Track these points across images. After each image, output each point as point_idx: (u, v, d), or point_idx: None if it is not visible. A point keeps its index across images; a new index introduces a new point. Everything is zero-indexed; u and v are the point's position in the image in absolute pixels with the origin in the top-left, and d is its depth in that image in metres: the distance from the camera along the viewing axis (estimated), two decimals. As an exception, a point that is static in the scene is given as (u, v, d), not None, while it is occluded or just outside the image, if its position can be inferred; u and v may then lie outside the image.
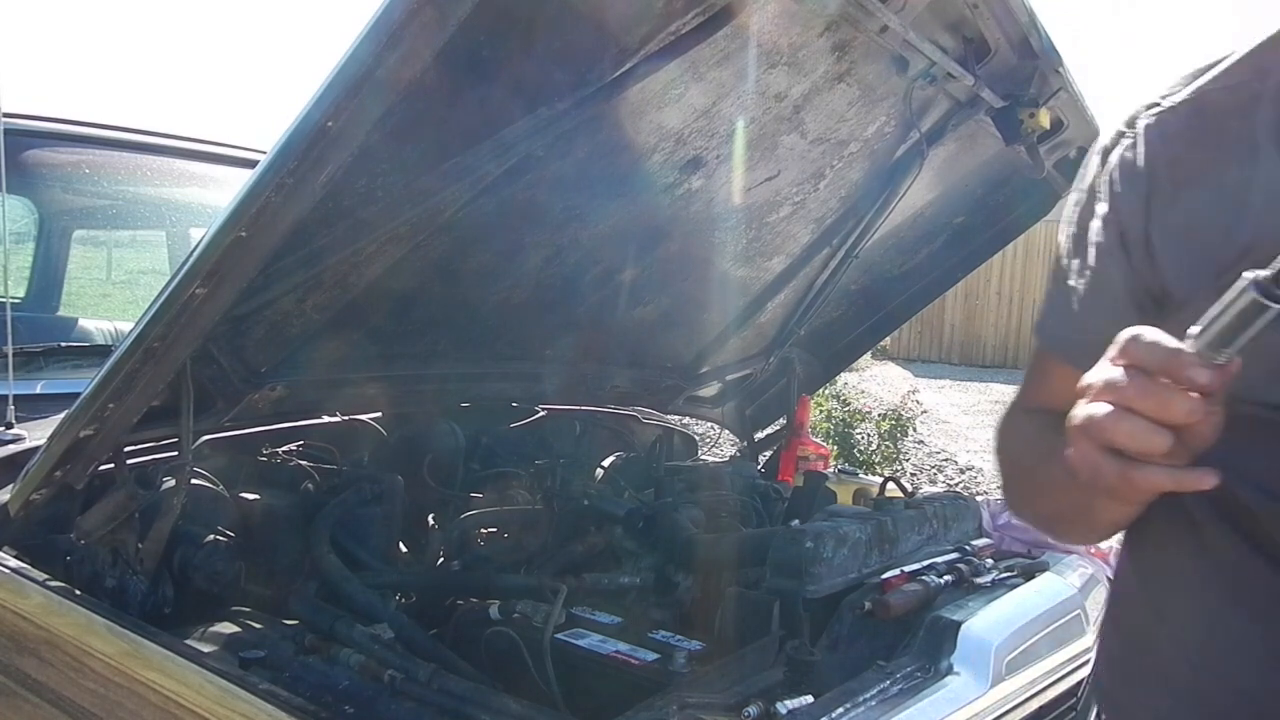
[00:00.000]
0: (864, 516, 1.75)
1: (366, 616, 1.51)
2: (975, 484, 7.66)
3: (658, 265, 2.11)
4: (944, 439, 9.38)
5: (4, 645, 1.48)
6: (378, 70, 1.05)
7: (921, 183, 2.26)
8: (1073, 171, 2.45)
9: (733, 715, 1.19)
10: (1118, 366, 0.74)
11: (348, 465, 2.02)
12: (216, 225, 1.18)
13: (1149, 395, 0.71)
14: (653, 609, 1.72)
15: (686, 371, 2.74)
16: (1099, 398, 0.74)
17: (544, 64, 1.36)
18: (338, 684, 1.29)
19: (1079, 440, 0.77)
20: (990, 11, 1.76)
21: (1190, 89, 0.91)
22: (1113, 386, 0.73)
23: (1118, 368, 0.74)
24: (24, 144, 2.34)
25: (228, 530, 1.68)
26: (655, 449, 2.65)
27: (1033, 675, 1.54)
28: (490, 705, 1.24)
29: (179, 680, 1.25)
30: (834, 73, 1.72)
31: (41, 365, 2.15)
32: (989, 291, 15.45)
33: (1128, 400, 0.72)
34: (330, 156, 1.12)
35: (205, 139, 2.83)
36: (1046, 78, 1.97)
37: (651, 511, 1.90)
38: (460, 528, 1.99)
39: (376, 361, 1.91)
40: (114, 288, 4.38)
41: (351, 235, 1.44)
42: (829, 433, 7.41)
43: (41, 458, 1.46)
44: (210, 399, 1.60)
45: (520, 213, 1.67)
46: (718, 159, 1.80)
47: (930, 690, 1.36)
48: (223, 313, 1.33)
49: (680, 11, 1.35)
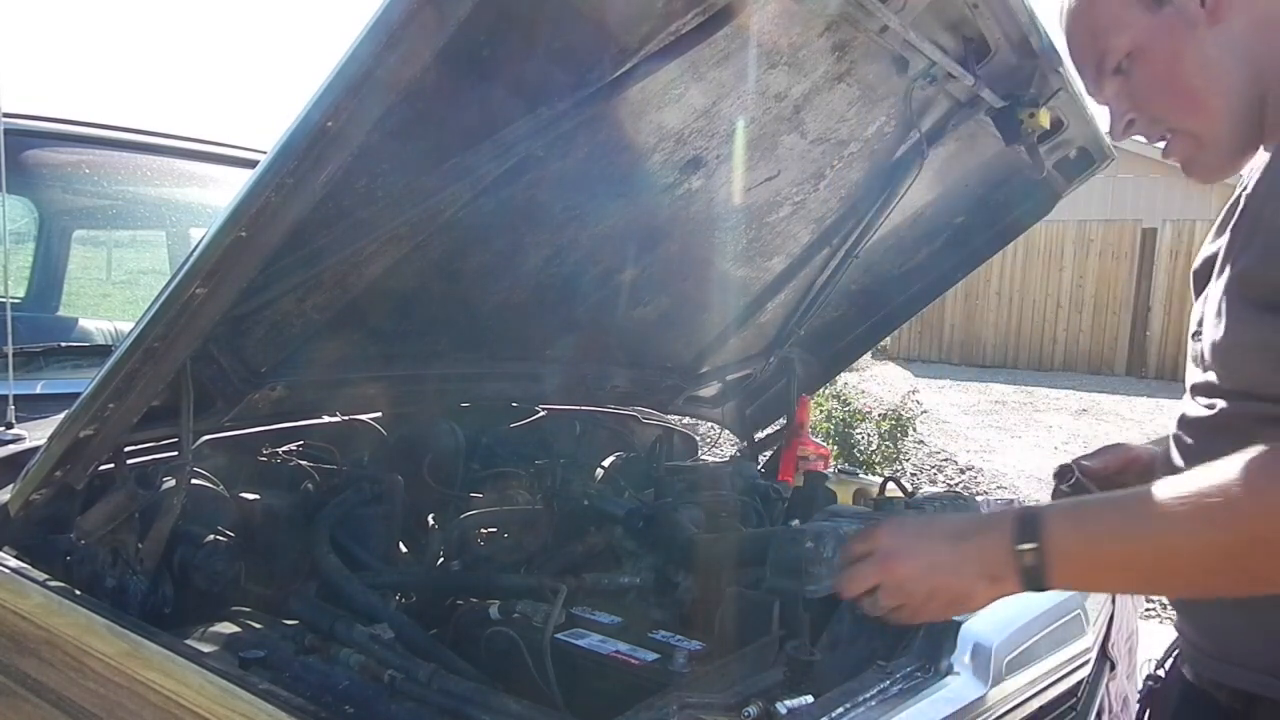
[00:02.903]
0: (864, 516, 1.75)
1: (366, 616, 1.51)
2: (975, 484, 7.67)
3: (658, 265, 2.11)
4: (944, 439, 9.39)
5: (4, 645, 1.48)
6: (378, 70, 1.05)
7: (921, 183, 2.26)
8: (1073, 171, 2.46)
9: (733, 715, 1.19)
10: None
11: (348, 465, 2.02)
12: (216, 225, 1.18)
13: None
14: (653, 609, 1.72)
15: (686, 371, 2.74)
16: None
17: (544, 64, 1.35)
18: (338, 684, 1.29)
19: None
20: (990, 11, 1.76)
21: None
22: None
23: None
24: (24, 144, 2.35)
25: (228, 530, 1.68)
26: (655, 449, 2.65)
27: (1033, 675, 1.54)
28: (490, 705, 1.24)
29: (179, 680, 1.25)
30: (834, 73, 1.72)
31: (41, 365, 2.15)
32: (989, 291, 15.47)
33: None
34: (330, 156, 1.12)
35: (205, 139, 2.83)
36: (1046, 78, 1.97)
37: (651, 511, 1.90)
38: (460, 528, 1.99)
39: (376, 361, 1.91)
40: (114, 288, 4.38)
41: (351, 235, 1.44)
42: (829, 433, 7.41)
43: (41, 458, 1.46)
44: (210, 399, 1.60)
45: (520, 213, 1.67)
46: (718, 159, 1.80)
47: (930, 690, 1.36)
48: (223, 313, 1.33)
49: (680, 11, 1.35)
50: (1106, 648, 1.93)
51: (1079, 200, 9.31)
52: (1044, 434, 9.92)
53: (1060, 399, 12.19)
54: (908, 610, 1.16)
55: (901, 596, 1.15)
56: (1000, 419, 10.93)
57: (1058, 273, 15.03)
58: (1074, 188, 2.54)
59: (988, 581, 1.11)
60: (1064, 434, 9.87)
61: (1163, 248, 13.85)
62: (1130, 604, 2.08)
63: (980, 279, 15.05)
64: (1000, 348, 15.62)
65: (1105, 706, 1.89)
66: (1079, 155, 2.42)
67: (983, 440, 9.60)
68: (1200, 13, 1.14)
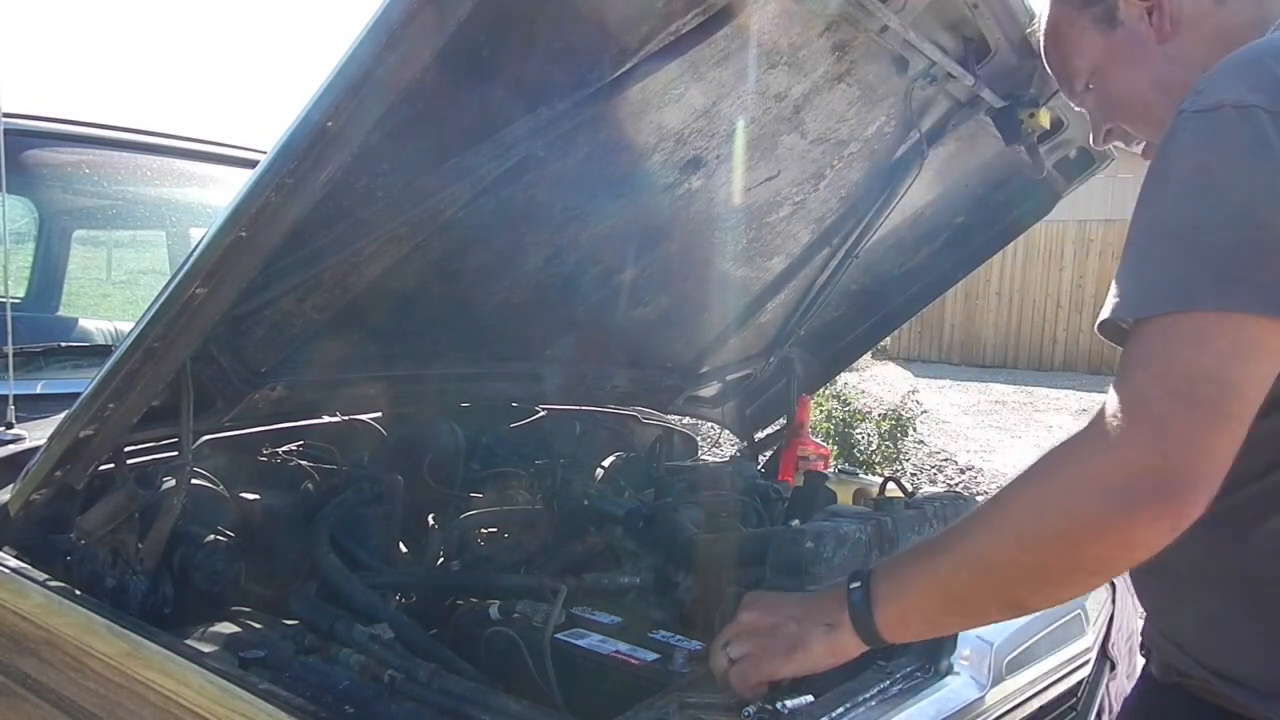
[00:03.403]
0: (864, 516, 1.75)
1: (366, 616, 1.51)
2: (975, 484, 7.67)
3: (658, 265, 2.11)
4: (944, 439, 9.39)
5: (4, 645, 1.48)
6: (378, 70, 1.05)
7: (921, 183, 2.26)
8: (1073, 171, 2.46)
9: (733, 715, 1.19)
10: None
11: (348, 465, 2.02)
12: (216, 225, 1.18)
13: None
14: (653, 609, 1.72)
15: (686, 371, 2.74)
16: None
17: (544, 64, 1.36)
18: (338, 684, 1.29)
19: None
20: (990, 11, 1.76)
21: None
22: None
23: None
24: (24, 144, 2.35)
25: (228, 530, 1.68)
26: (655, 449, 2.64)
27: (1033, 675, 1.54)
28: (490, 705, 1.23)
29: (179, 680, 1.25)
30: (834, 73, 1.72)
31: (41, 365, 2.15)
32: (989, 291, 15.47)
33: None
34: (330, 156, 1.12)
35: (205, 139, 2.83)
36: (1046, 78, 1.97)
37: (651, 511, 1.90)
38: (460, 528, 1.99)
39: (376, 361, 1.91)
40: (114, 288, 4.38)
41: (351, 235, 1.44)
42: (829, 433, 7.42)
43: (41, 458, 1.46)
44: (210, 399, 1.60)
45: (520, 213, 1.67)
46: (718, 159, 1.80)
47: (930, 690, 1.36)
48: (223, 313, 1.33)
49: (680, 11, 1.35)
50: (1106, 648, 1.93)
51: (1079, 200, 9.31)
52: (1044, 434, 9.92)
53: (1060, 399, 12.20)
54: (751, 659, 1.17)
55: (747, 643, 1.18)
56: (1000, 419, 10.93)
57: (1058, 273, 15.03)
58: (1074, 188, 2.54)
59: (825, 629, 1.13)
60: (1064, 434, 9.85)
61: (1163, 248, 13.85)
62: (1130, 604, 2.08)
63: (980, 279, 15.05)
64: (1000, 348, 15.62)
65: (1105, 706, 1.89)
66: (1079, 155, 2.42)
67: (983, 440, 9.61)
68: (1150, 32, 1.20)
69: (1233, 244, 0.93)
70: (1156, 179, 1.01)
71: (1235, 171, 0.95)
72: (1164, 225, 0.99)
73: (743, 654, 1.18)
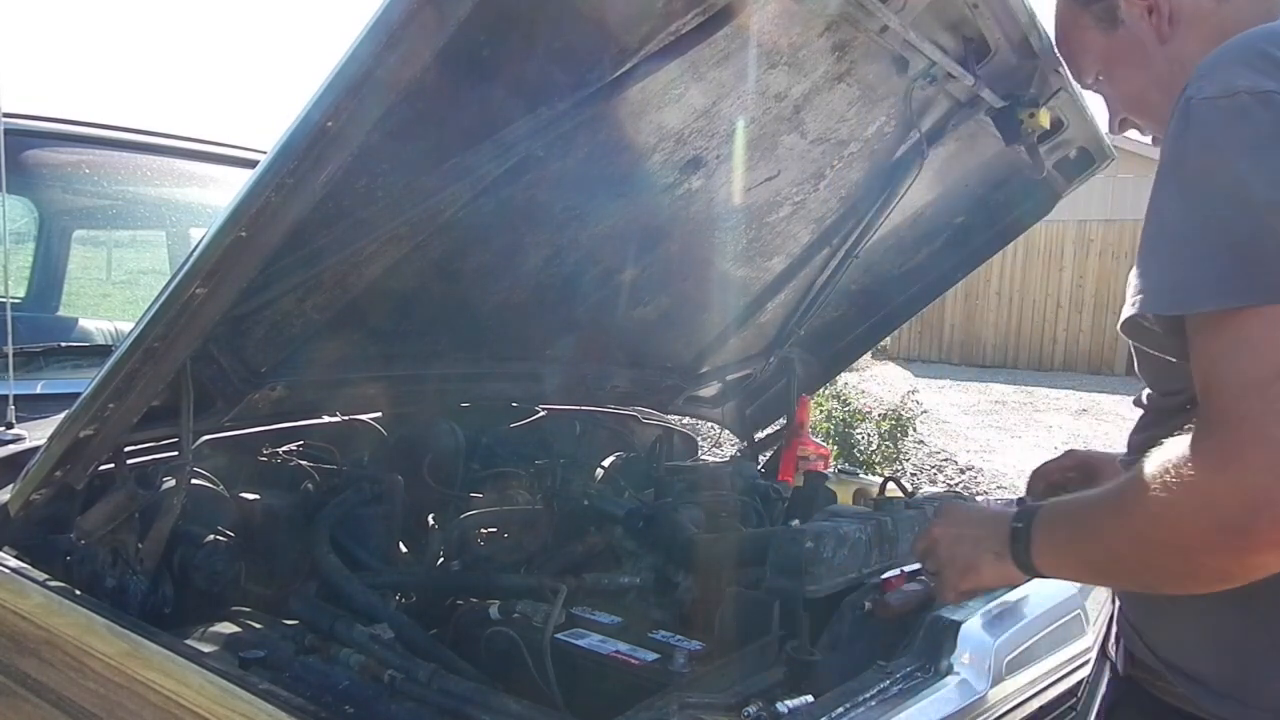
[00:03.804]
0: (864, 516, 1.75)
1: (366, 616, 1.51)
2: (975, 484, 7.67)
3: (658, 265, 2.11)
4: (944, 439, 9.39)
5: (4, 645, 1.48)
6: (378, 70, 1.05)
7: (921, 183, 2.26)
8: (1073, 171, 2.46)
9: (733, 715, 1.19)
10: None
11: (348, 465, 2.02)
12: (216, 225, 1.18)
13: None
14: (653, 609, 1.72)
15: (686, 371, 2.74)
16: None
17: (544, 64, 1.36)
18: (338, 684, 1.29)
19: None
20: (990, 11, 1.76)
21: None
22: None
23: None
24: (24, 144, 2.35)
25: (228, 530, 1.68)
26: (655, 449, 2.64)
27: (1033, 675, 1.54)
28: (490, 705, 1.24)
29: (179, 680, 1.25)
30: (834, 73, 1.72)
31: (41, 365, 2.15)
32: (989, 291, 15.47)
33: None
34: (330, 156, 1.12)
35: (205, 139, 2.83)
36: (1046, 78, 1.97)
37: (651, 511, 1.90)
38: (460, 528, 1.99)
39: (376, 361, 1.91)
40: (114, 288, 4.38)
41: (351, 235, 1.44)
42: (829, 433, 7.42)
43: (41, 458, 1.46)
44: (210, 399, 1.60)
45: (520, 213, 1.67)
46: (718, 159, 1.80)
47: (930, 690, 1.36)
48: (223, 313, 1.33)
49: (680, 11, 1.35)
50: (1106, 648, 1.93)
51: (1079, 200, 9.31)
52: (1044, 434, 9.92)
53: (1060, 399, 12.20)
54: (937, 578, 1.31)
55: (933, 559, 1.31)
56: (1000, 419, 10.93)
57: (1058, 273, 15.03)
58: (1074, 188, 2.54)
59: (993, 556, 1.20)
60: (1064, 434, 9.87)
61: (1163, 248, 13.84)
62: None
63: (980, 279, 15.06)
64: (1000, 348, 15.62)
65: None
66: (1079, 155, 2.42)
67: (983, 440, 9.61)
68: (1150, 32, 1.24)
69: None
70: (1175, 169, 1.01)
71: (1271, 158, 0.94)
72: (1206, 217, 0.97)
73: (933, 571, 1.32)
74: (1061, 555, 1.13)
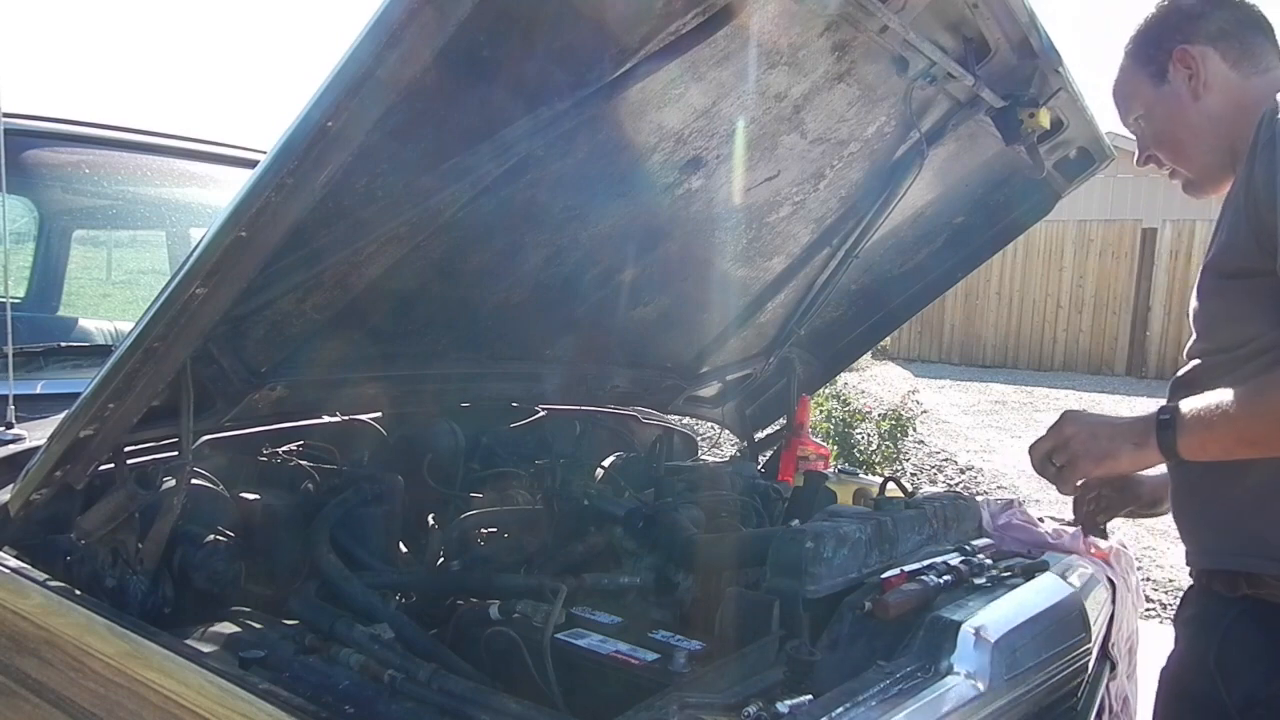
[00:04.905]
0: (864, 516, 1.75)
1: (366, 616, 1.51)
2: (975, 484, 7.67)
3: (658, 265, 2.11)
4: (944, 439, 9.40)
5: (4, 645, 1.48)
6: (378, 70, 1.05)
7: (921, 183, 2.26)
8: (1073, 171, 2.47)
9: (733, 715, 1.19)
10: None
11: (348, 465, 2.02)
12: (216, 225, 1.18)
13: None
14: (653, 609, 1.72)
15: (686, 371, 2.74)
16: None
17: (544, 64, 1.36)
18: (338, 684, 1.29)
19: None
20: (990, 11, 1.76)
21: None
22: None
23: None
24: (24, 144, 2.35)
25: (228, 530, 1.68)
26: (655, 449, 2.65)
27: (1033, 675, 1.54)
28: (490, 705, 1.23)
29: (179, 680, 1.25)
30: (834, 73, 1.72)
31: (41, 365, 2.15)
32: (989, 291, 15.47)
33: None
34: (330, 156, 1.12)
35: (205, 139, 2.83)
36: (1046, 78, 1.97)
37: (651, 511, 1.90)
38: (460, 528, 1.99)
39: (376, 361, 1.91)
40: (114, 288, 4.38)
41: (351, 235, 1.44)
42: (829, 433, 7.42)
43: (41, 458, 1.46)
44: (210, 399, 1.60)
45: (520, 213, 1.67)
46: (718, 159, 1.80)
47: (930, 690, 1.35)
48: (223, 313, 1.33)
49: (680, 11, 1.35)
50: (1106, 648, 1.93)
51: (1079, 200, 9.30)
52: (1044, 434, 9.90)
53: (1060, 399, 12.20)
54: (1068, 466, 1.55)
55: (1065, 453, 1.55)
56: (1000, 419, 10.94)
57: (1058, 273, 15.03)
58: (1074, 188, 2.54)
59: (1133, 446, 1.49)
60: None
61: (1163, 248, 13.84)
62: (1130, 604, 2.08)
63: (980, 279, 15.06)
64: (1000, 348, 15.62)
65: (1105, 706, 1.89)
66: (1079, 155, 2.42)
67: (983, 440, 9.61)
68: (1188, 92, 1.62)
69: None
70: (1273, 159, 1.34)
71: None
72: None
73: (1066, 460, 1.55)
74: (1211, 433, 1.40)
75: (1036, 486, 7.50)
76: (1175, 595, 5.29)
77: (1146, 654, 2.16)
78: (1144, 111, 1.69)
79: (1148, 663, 2.11)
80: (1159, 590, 5.43)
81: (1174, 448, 1.43)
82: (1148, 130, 1.71)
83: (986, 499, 2.19)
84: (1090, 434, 1.54)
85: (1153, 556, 5.98)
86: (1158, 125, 1.68)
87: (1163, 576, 5.65)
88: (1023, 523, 2.09)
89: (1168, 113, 1.65)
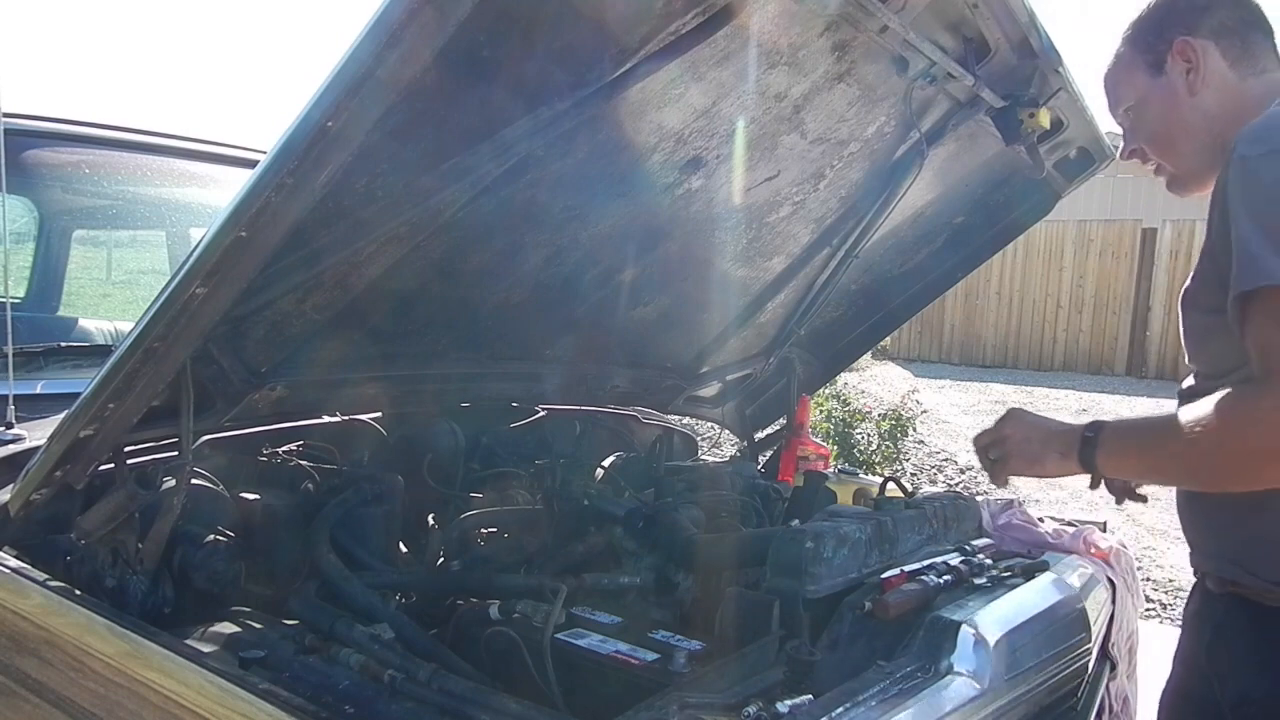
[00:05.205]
0: (864, 516, 1.75)
1: (366, 616, 1.51)
2: (975, 484, 7.67)
3: (658, 265, 2.11)
4: (944, 439, 9.39)
5: (4, 645, 1.48)
6: (378, 70, 1.05)
7: (921, 183, 2.26)
8: (1073, 171, 2.46)
9: (733, 715, 1.19)
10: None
11: (348, 465, 2.02)
12: (216, 225, 1.18)
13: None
14: (653, 609, 1.72)
15: (686, 371, 2.74)
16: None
17: (544, 64, 1.36)
18: (338, 684, 1.29)
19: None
20: (990, 11, 1.76)
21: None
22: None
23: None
24: (24, 144, 2.35)
25: (228, 530, 1.68)
26: (655, 449, 2.65)
27: (1033, 675, 1.54)
28: (490, 705, 1.24)
29: (179, 680, 1.25)
30: (834, 73, 1.72)
31: (41, 365, 2.15)
32: (989, 291, 15.46)
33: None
34: (330, 156, 1.12)
35: (205, 139, 2.83)
36: (1046, 78, 1.97)
37: (651, 511, 1.90)
38: (460, 528, 1.99)
39: (376, 361, 1.91)
40: (114, 288, 4.38)
41: (351, 235, 1.44)
42: (829, 433, 7.42)
43: (41, 458, 1.46)
44: (210, 399, 1.60)
45: (520, 213, 1.67)
46: (718, 159, 1.80)
47: (930, 690, 1.35)
48: (223, 313, 1.33)
49: (680, 11, 1.35)
50: (1106, 648, 1.93)
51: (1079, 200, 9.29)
52: (1044, 434, 9.89)
53: (1060, 399, 12.19)
54: (1001, 463, 1.64)
55: (1000, 450, 1.64)
56: (1000, 419, 10.90)
57: (1058, 273, 15.02)
58: (1074, 188, 2.54)
59: (1059, 455, 1.56)
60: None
61: (1163, 248, 13.84)
62: (1130, 604, 2.08)
63: (980, 279, 15.04)
64: (1000, 348, 15.61)
65: (1105, 706, 1.89)
66: (1079, 155, 2.42)
67: (983, 440, 9.58)
68: (1184, 86, 1.58)
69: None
70: (1254, 196, 1.33)
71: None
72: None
73: (999, 456, 1.65)
74: (1125, 459, 1.51)
75: (1036, 486, 7.50)
76: (1175, 595, 5.29)
77: (1146, 654, 2.16)
78: (1135, 102, 1.64)
79: (1148, 663, 2.12)
80: (1159, 590, 5.43)
81: (1094, 463, 1.50)
82: (1137, 123, 1.66)
83: (986, 499, 2.19)
84: (1025, 436, 1.62)
85: (1153, 556, 5.98)
86: (1149, 118, 1.64)
87: (1163, 576, 5.65)
88: (1023, 523, 2.09)
89: (1160, 106, 1.61)
